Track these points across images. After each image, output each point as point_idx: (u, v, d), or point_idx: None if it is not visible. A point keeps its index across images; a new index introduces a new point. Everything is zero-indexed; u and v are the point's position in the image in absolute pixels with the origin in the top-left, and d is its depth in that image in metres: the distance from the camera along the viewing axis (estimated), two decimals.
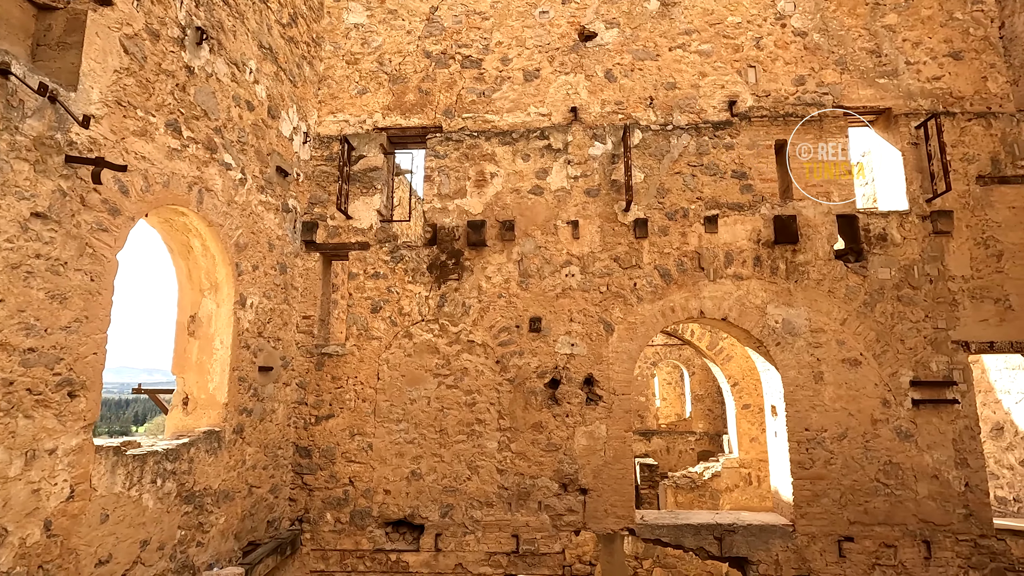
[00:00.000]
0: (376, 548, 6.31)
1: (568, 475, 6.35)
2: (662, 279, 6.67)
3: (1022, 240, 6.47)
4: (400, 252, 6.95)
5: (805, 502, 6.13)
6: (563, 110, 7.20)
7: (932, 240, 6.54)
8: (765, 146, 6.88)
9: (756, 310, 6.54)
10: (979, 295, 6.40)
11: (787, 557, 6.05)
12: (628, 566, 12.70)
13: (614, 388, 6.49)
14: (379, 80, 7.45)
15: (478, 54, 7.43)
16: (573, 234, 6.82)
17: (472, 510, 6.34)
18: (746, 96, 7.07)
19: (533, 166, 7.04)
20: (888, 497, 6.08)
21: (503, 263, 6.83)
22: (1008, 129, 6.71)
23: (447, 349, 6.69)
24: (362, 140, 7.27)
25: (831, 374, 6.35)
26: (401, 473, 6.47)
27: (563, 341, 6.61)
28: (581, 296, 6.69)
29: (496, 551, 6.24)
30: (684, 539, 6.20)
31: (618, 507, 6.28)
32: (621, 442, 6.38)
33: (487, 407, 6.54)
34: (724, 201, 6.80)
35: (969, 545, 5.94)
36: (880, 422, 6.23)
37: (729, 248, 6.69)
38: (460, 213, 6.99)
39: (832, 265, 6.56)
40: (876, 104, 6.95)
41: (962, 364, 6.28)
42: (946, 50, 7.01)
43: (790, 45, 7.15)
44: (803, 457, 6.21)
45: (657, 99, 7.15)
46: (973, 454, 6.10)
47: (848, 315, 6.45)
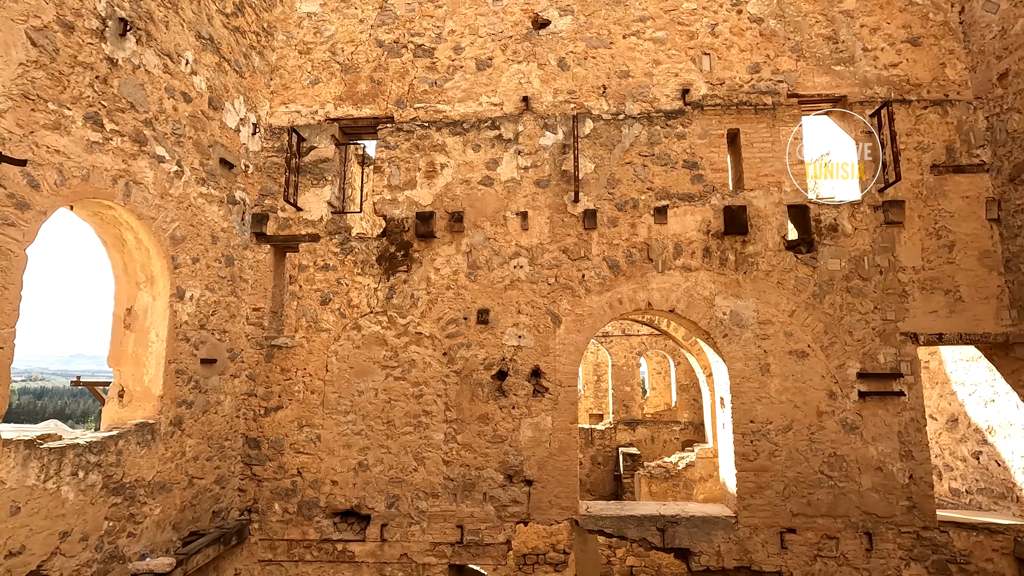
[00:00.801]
0: (323, 538, 6.37)
1: (513, 467, 6.36)
2: (611, 271, 6.63)
3: (975, 230, 6.38)
4: (350, 244, 6.93)
5: (748, 494, 6.12)
6: (515, 100, 7.12)
7: (884, 231, 6.46)
8: (717, 135, 6.79)
9: (704, 302, 6.49)
10: (929, 286, 6.32)
11: (729, 548, 6.06)
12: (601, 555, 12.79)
13: (560, 380, 6.48)
14: (331, 70, 7.38)
15: (431, 43, 7.34)
16: (522, 225, 6.78)
17: (418, 501, 6.37)
18: (700, 84, 6.96)
19: (484, 157, 6.98)
20: (832, 489, 6.06)
21: (452, 255, 6.80)
22: (964, 117, 6.58)
23: (395, 341, 6.69)
24: (313, 131, 7.22)
25: (778, 366, 6.31)
26: (348, 464, 6.50)
27: (511, 333, 6.60)
28: (529, 288, 6.66)
29: (441, 541, 6.28)
30: (627, 530, 6.22)
31: (562, 498, 6.30)
32: (566, 434, 6.38)
33: (434, 399, 6.55)
34: (675, 192, 6.73)
35: (911, 537, 5.93)
36: (826, 414, 6.19)
37: (679, 239, 6.63)
38: (410, 204, 6.95)
39: (782, 256, 6.49)
40: (831, 92, 6.83)
41: (910, 356, 6.22)
42: (904, 36, 6.86)
43: (746, 32, 7.03)
44: (747, 449, 6.20)
45: (610, 88, 7.06)
46: (918, 446, 6.07)
47: (797, 307, 6.39)
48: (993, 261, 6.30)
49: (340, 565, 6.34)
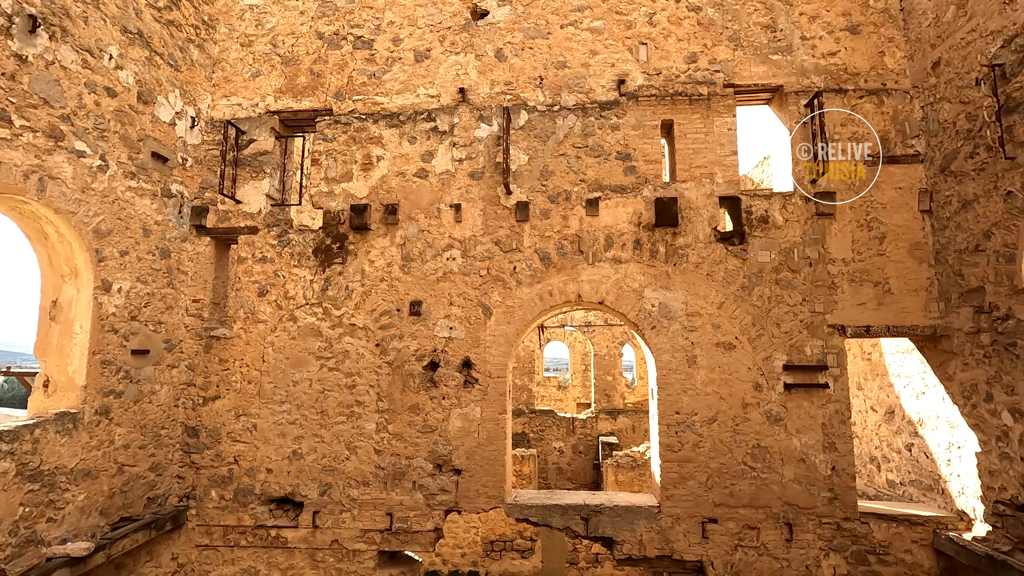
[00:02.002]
0: (257, 524, 6.52)
1: (443, 456, 6.46)
2: (542, 263, 6.65)
3: (906, 222, 6.32)
4: (288, 236, 7.01)
5: (672, 484, 6.18)
6: (452, 91, 7.12)
7: (815, 222, 6.42)
8: (651, 126, 6.75)
9: (633, 294, 6.50)
10: (859, 278, 6.29)
11: (651, 538, 6.13)
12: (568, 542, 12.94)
13: (490, 371, 6.54)
14: (272, 63, 7.41)
15: (370, 34, 7.34)
16: (456, 218, 6.81)
17: (350, 489, 6.50)
18: (636, 74, 6.91)
19: (419, 149, 7.00)
20: (754, 480, 6.10)
21: (386, 247, 6.85)
22: (900, 107, 6.49)
23: (330, 332, 6.78)
24: (254, 124, 7.27)
25: (705, 358, 6.33)
26: (283, 453, 6.64)
27: (442, 325, 6.66)
28: (461, 280, 6.71)
29: (371, 528, 6.41)
30: (552, 519, 6.30)
31: (490, 487, 6.39)
32: (495, 424, 6.46)
33: (367, 389, 6.64)
34: (607, 183, 6.72)
35: (832, 528, 5.96)
36: (751, 406, 6.21)
37: (610, 231, 6.63)
38: (346, 197, 7.00)
39: (712, 248, 6.48)
40: (768, 82, 6.76)
41: (837, 348, 6.21)
42: (844, 24, 6.75)
43: (684, 21, 6.95)
44: (672, 440, 6.24)
45: (547, 79, 7.03)
46: (842, 438, 6.08)
47: (726, 299, 6.39)
48: (924, 253, 6.25)
49: (273, 551, 6.49)
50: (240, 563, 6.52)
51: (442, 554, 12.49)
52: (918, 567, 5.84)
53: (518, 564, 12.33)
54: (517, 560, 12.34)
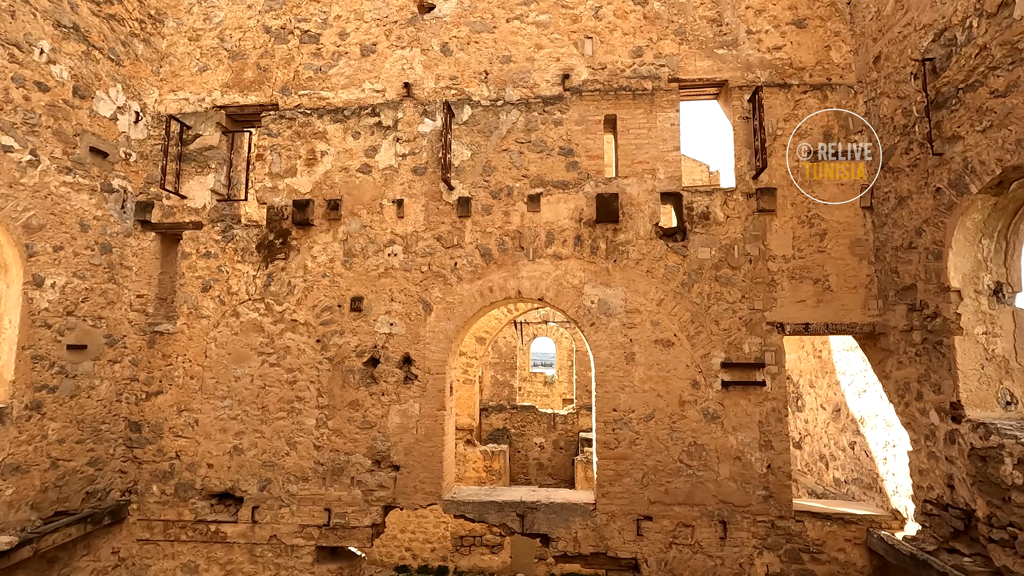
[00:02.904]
0: (198, 519, 6.54)
1: (381, 452, 6.46)
2: (483, 259, 6.62)
3: (848, 219, 6.26)
4: (232, 232, 6.99)
5: (608, 481, 6.16)
6: (397, 86, 7.07)
7: (756, 219, 6.36)
8: (594, 122, 6.70)
9: (573, 290, 6.47)
10: (799, 275, 6.23)
11: (586, 535, 6.12)
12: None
13: (429, 368, 6.52)
14: (219, 57, 7.38)
15: (317, 28, 7.29)
16: (398, 213, 6.78)
17: (289, 484, 6.51)
18: (581, 69, 6.85)
19: (363, 144, 6.97)
20: (690, 478, 6.08)
21: (329, 242, 6.83)
22: (844, 102, 6.42)
23: (272, 328, 6.77)
24: (200, 119, 7.25)
25: (643, 355, 6.29)
26: (224, 448, 6.64)
27: (383, 321, 6.64)
28: (403, 276, 6.69)
29: (309, 524, 6.42)
30: (488, 515, 6.29)
31: (427, 483, 6.38)
32: (433, 420, 6.45)
33: (307, 385, 6.64)
34: (549, 179, 6.67)
35: (766, 526, 5.94)
36: (688, 403, 6.18)
37: (551, 227, 6.59)
38: (290, 192, 6.98)
39: (652, 244, 6.43)
40: (713, 76, 6.69)
41: (775, 346, 6.17)
42: (790, 17, 6.67)
43: (630, 14, 6.88)
44: (609, 437, 6.22)
45: (492, 73, 6.97)
46: (778, 436, 6.04)
47: (665, 295, 6.35)
48: (864, 250, 6.19)
49: (213, 545, 6.51)
50: (180, 557, 6.55)
51: (412, 549, 12.54)
52: (851, 566, 5.81)
53: (487, 559, 12.35)
54: (487, 555, 12.37)
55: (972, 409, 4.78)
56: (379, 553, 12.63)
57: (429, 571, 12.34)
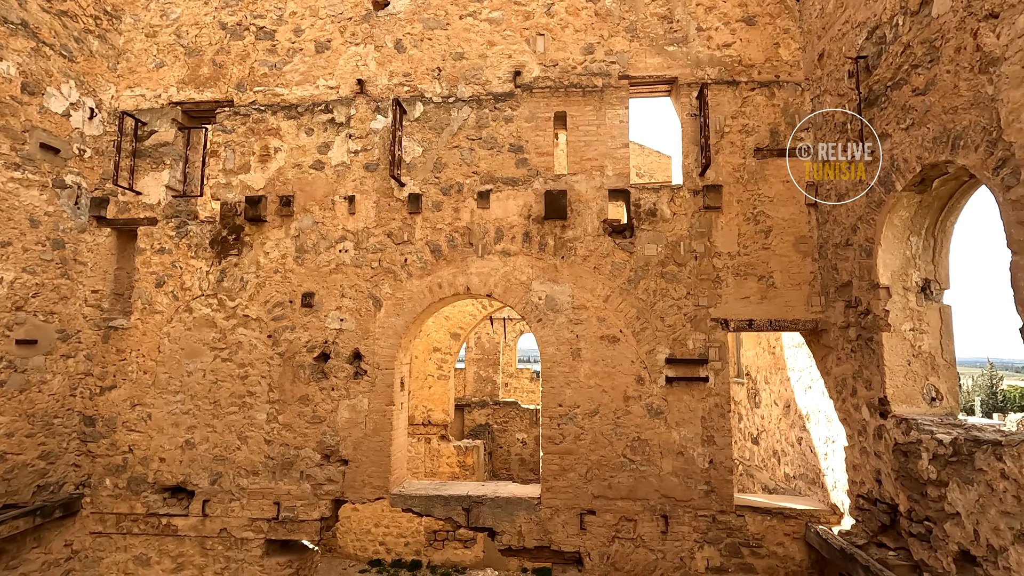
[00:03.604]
0: (150, 512, 6.61)
1: (330, 446, 6.51)
2: (432, 255, 6.66)
3: (793, 215, 6.29)
4: (186, 227, 7.03)
5: (552, 476, 6.22)
6: (351, 83, 7.09)
7: (702, 215, 6.39)
8: (544, 119, 6.72)
9: (521, 286, 6.51)
10: (743, 272, 6.27)
11: (530, 529, 6.18)
12: None
13: (379, 363, 6.57)
14: (176, 53, 7.40)
15: (272, 25, 7.31)
16: (350, 209, 6.81)
17: (239, 478, 6.57)
18: (533, 66, 6.87)
19: (316, 140, 7.00)
20: (633, 473, 6.13)
21: (281, 238, 6.87)
22: (791, 99, 6.44)
23: (224, 323, 6.82)
24: (156, 115, 7.28)
25: (589, 351, 6.34)
26: (176, 442, 6.70)
27: (333, 316, 6.69)
28: (354, 272, 6.73)
29: (258, 517, 6.48)
30: (434, 509, 6.35)
31: (375, 477, 6.44)
32: (382, 415, 6.50)
33: (259, 380, 6.69)
34: (500, 176, 6.70)
35: (707, 520, 5.99)
36: (633, 399, 6.23)
37: (500, 224, 6.62)
38: (243, 188, 7.01)
39: (599, 241, 6.47)
40: (663, 73, 6.70)
41: (719, 342, 6.21)
42: (740, 14, 6.68)
43: (581, 11, 6.89)
44: (554, 432, 6.27)
45: (445, 70, 6.99)
46: (720, 432, 6.09)
47: (612, 292, 6.39)
48: (808, 247, 6.22)
49: (165, 538, 6.58)
50: (132, 550, 6.62)
51: (386, 543, 12.61)
52: (790, 560, 5.87)
53: (460, 554, 12.43)
54: (460, 550, 12.44)
55: (898, 405, 4.82)
56: (353, 547, 12.72)
57: (403, 565, 12.42)
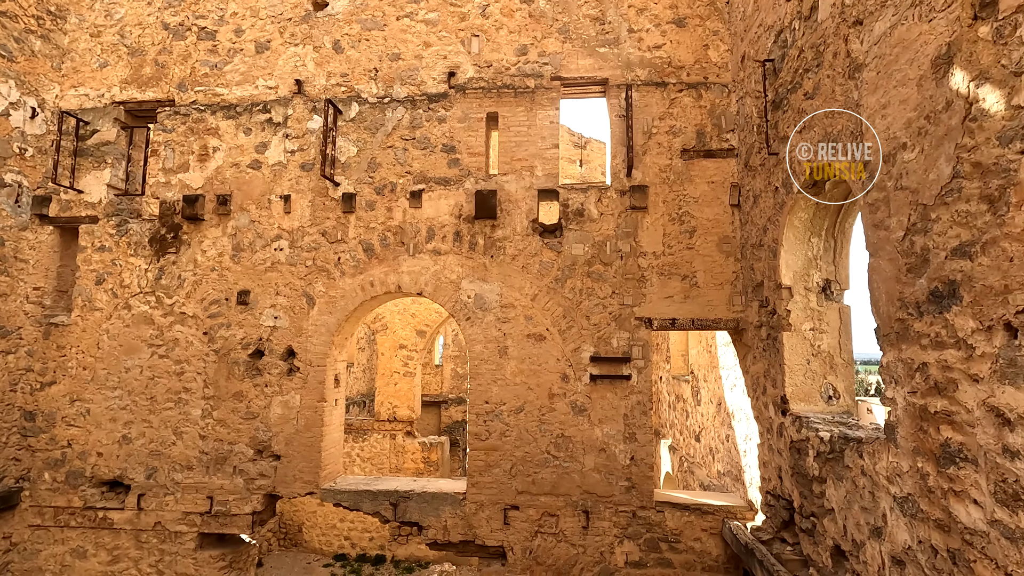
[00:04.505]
0: (87, 505, 6.72)
1: (263, 442, 6.62)
2: (365, 254, 6.75)
3: (717, 216, 6.36)
4: (126, 226, 7.13)
5: (478, 472, 6.32)
6: (290, 83, 7.17)
7: (628, 216, 6.47)
8: (477, 119, 6.80)
9: (451, 285, 6.60)
10: (668, 272, 6.35)
11: (455, 523, 6.28)
12: None
13: (311, 360, 6.67)
14: (119, 53, 7.49)
15: (214, 25, 7.39)
16: (285, 208, 6.90)
17: (174, 472, 6.68)
18: (467, 67, 6.94)
19: (254, 140, 7.08)
20: (556, 469, 6.23)
21: (218, 237, 6.96)
22: (718, 101, 6.51)
23: (161, 320, 6.92)
24: (99, 114, 7.37)
25: (516, 349, 6.43)
26: (114, 437, 6.81)
27: (268, 314, 6.78)
28: (288, 270, 6.82)
29: (192, 511, 6.59)
30: (362, 504, 6.46)
31: (306, 472, 6.55)
32: (313, 411, 6.60)
33: (194, 376, 6.80)
34: (432, 175, 6.78)
35: (628, 516, 6.09)
36: (558, 396, 6.32)
37: (432, 223, 6.71)
38: (182, 187, 7.10)
39: (528, 240, 6.55)
40: (594, 74, 6.77)
41: (642, 340, 6.30)
42: (671, 16, 6.75)
43: (516, 13, 6.96)
44: (481, 429, 6.37)
45: (382, 71, 7.07)
46: (642, 429, 6.18)
47: (539, 291, 6.48)
48: (731, 247, 6.30)
49: (101, 531, 6.70)
50: (70, 543, 6.74)
51: (351, 537, 12.75)
52: (707, 555, 5.96)
53: (424, 549, 12.54)
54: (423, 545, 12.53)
55: (796, 403, 4.91)
56: (318, 542, 12.85)
57: (367, 559, 12.56)
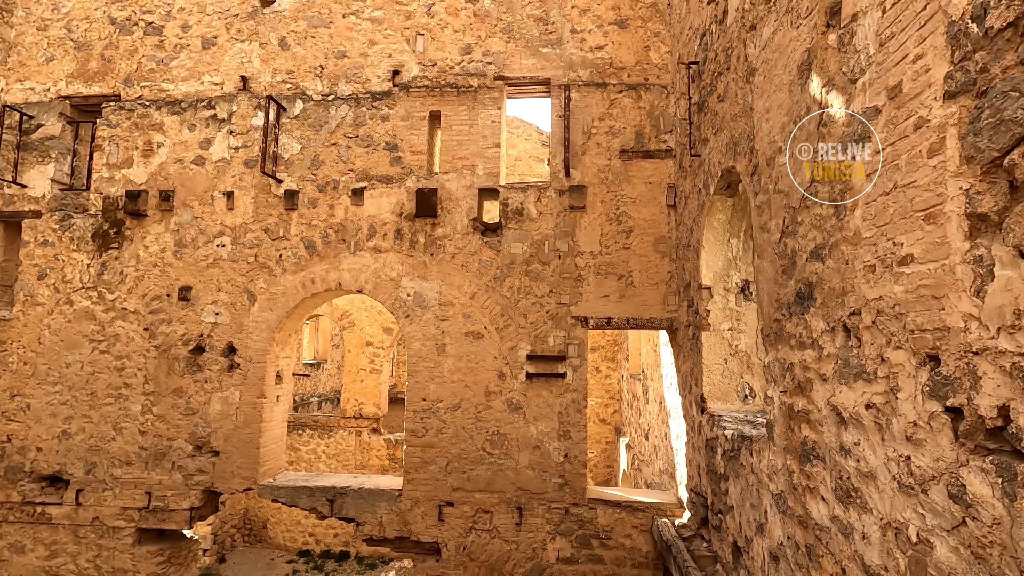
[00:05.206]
0: (25, 500, 6.72)
1: (202, 438, 6.63)
2: (307, 251, 6.77)
3: (652, 216, 6.42)
4: (70, 221, 7.11)
5: (414, 468, 6.36)
6: (235, 79, 7.17)
7: (567, 215, 6.52)
8: (419, 118, 6.82)
9: (391, 283, 6.63)
10: (604, 271, 6.41)
11: (391, 519, 6.32)
12: None
13: (251, 356, 6.69)
14: (66, 47, 7.46)
15: (161, 20, 7.37)
16: (228, 205, 6.91)
17: (113, 468, 6.68)
18: (412, 66, 6.97)
19: (198, 136, 7.08)
20: (491, 466, 6.28)
21: (161, 233, 6.96)
22: (657, 101, 6.57)
23: (103, 316, 6.91)
24: (44, 108, 7.34)
25: (454, 347, 6.47)
26: (54, 432, 6.81)
27: (209, 310, 6.79)
28: (230, 266, 6.83)
29: (130, 506, 6.60)
30: (299, 500, 6.49)
31: (244, 468, 6.57)
32: (252, 408, 6.62)
33: (135, 372, 6.80)
34: (375, 173, 6.81)
35: (561, 513, 6.15)
36: (494, 394, 6.37)
37: (373, 221, 6.74)
38: (126, 183, 7.09)
39: (468, 239, 6.59)
40: (537, 74, 6.81)
41: (578, 339, 6.35)
42: (613, 17, 6.80)
43: (461, 12, 6.99)
44: (418, 426, 6.41)
45: (327, 68, 7.08)
46: (576, 427, 6.24)
47: (478, 289, 6.52)
48: (667, 247, 6.37)
49: (39, 527, 6.69)
50: (8, 538, 6.73)
51: (315, 534, 12.77)
52: (637, 551, 6.04)
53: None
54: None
55: (714, 402, 4.98)
56: (283, 538, 12.87)
57: (331, 556, 12.59)
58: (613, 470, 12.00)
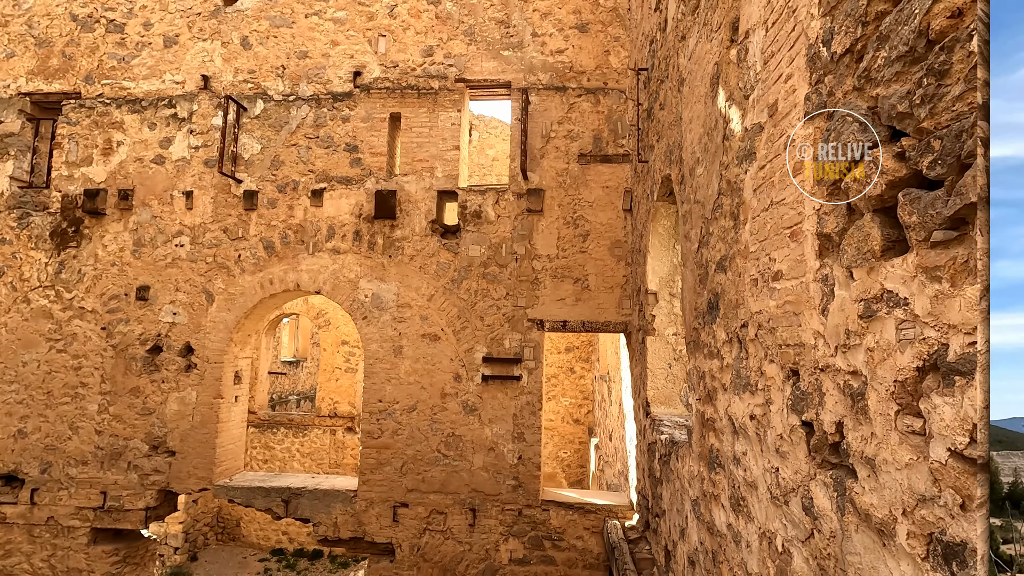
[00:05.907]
0: None
1: (159, 438, 6.62)
2: (266, 251, 6.76)
3: (609, 220, 6.47)
4: (28, 219, 7.07)
5: (369, 469, 6.38)
6: (197, 78, 7.14)
7: (524, 218, 6.55)
8: (380, 119, 6.83)
9: (349, 284, 6.64)
10: (561, 274, 6.45)
11: (345, 520, 6.34)
12: None
13: (208, 356, 6.68)
14: (27, 44, 7.40)
15: (123, 18, 7.33)
16: (187, 204, 6.89)
17: (69, 468, 6.66)
18: (374, 67, 6.97)
19: (158, 135, 7.05)
20: (446, 467, 6.31)
21: (120, 232, 6.94)
22: (615, 106, 6.60)
23: (60, 315, 6.89)
24: (3, 105, 7.28)
25: (410, 348, 6.49)
26: (9, 431, 6.78)
27: (167, 310, 6.78)
28: (189, 266, 6.82)
29: (85, 506, 6.59)
30: (255, 501, 6.50)
31: (200, 468, 6.56)
32: (209, 408, 6.62)
33: (92, 371, 6.78)
34: (334, 175, 6.81)
35: (514, 514, 6.19)
36: (450, 396, 6.40)
37: (332, 222, 6.74)
38: (85, 181, 7.06)
39: (426, 241, 6.61)
40: (498, 77, 6.83)
41: (534, 342, 6.39)
42: (574, 21, 6.82)
43: (423, 14, 6.99)
44: (373, 427, 6.43)
45: (289, 68, 7.07)
46: (530, 429, 6.28)
47: (436, 291, 6.54)
48: (623, 251, 6.41)
49: None
50: None
51: (289, 533, 12.76)
52: (588, 552, 6.09)
53: None
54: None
55: (657, 406, 5.03)
56: (256, 536, 12.85)
57: (304, 554, 12.59)
58: (586, 470, 12.07)
